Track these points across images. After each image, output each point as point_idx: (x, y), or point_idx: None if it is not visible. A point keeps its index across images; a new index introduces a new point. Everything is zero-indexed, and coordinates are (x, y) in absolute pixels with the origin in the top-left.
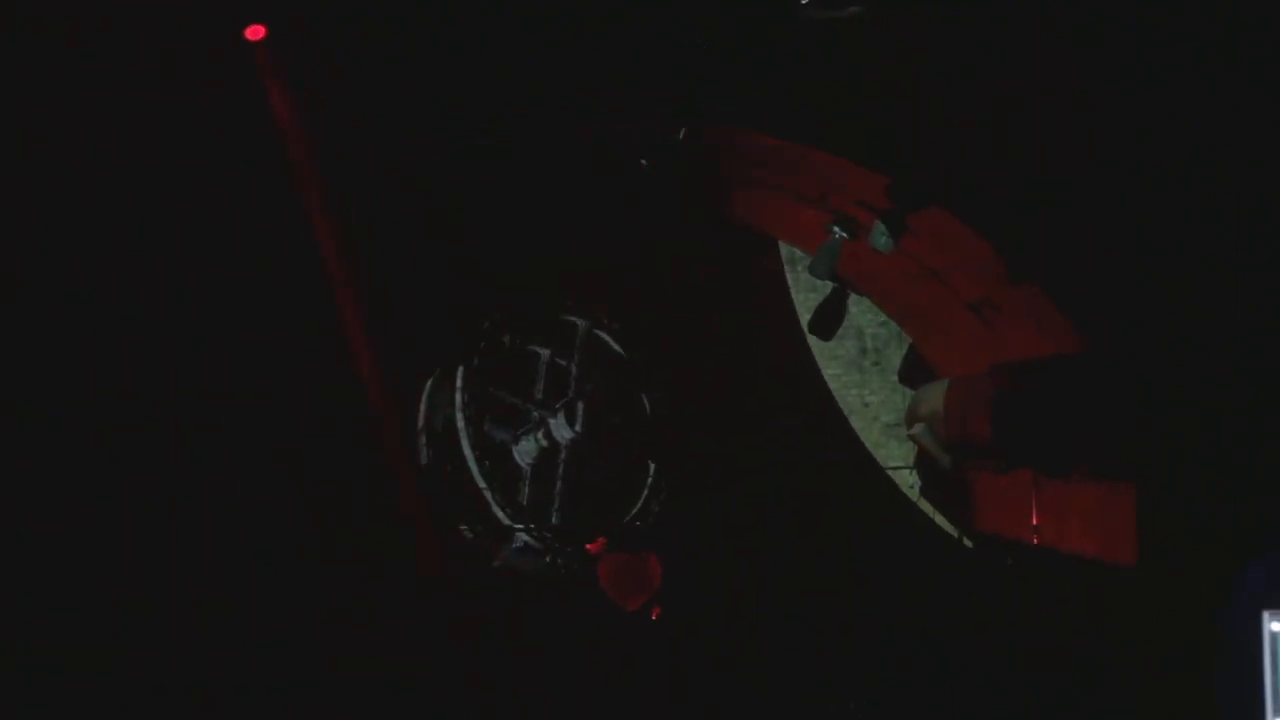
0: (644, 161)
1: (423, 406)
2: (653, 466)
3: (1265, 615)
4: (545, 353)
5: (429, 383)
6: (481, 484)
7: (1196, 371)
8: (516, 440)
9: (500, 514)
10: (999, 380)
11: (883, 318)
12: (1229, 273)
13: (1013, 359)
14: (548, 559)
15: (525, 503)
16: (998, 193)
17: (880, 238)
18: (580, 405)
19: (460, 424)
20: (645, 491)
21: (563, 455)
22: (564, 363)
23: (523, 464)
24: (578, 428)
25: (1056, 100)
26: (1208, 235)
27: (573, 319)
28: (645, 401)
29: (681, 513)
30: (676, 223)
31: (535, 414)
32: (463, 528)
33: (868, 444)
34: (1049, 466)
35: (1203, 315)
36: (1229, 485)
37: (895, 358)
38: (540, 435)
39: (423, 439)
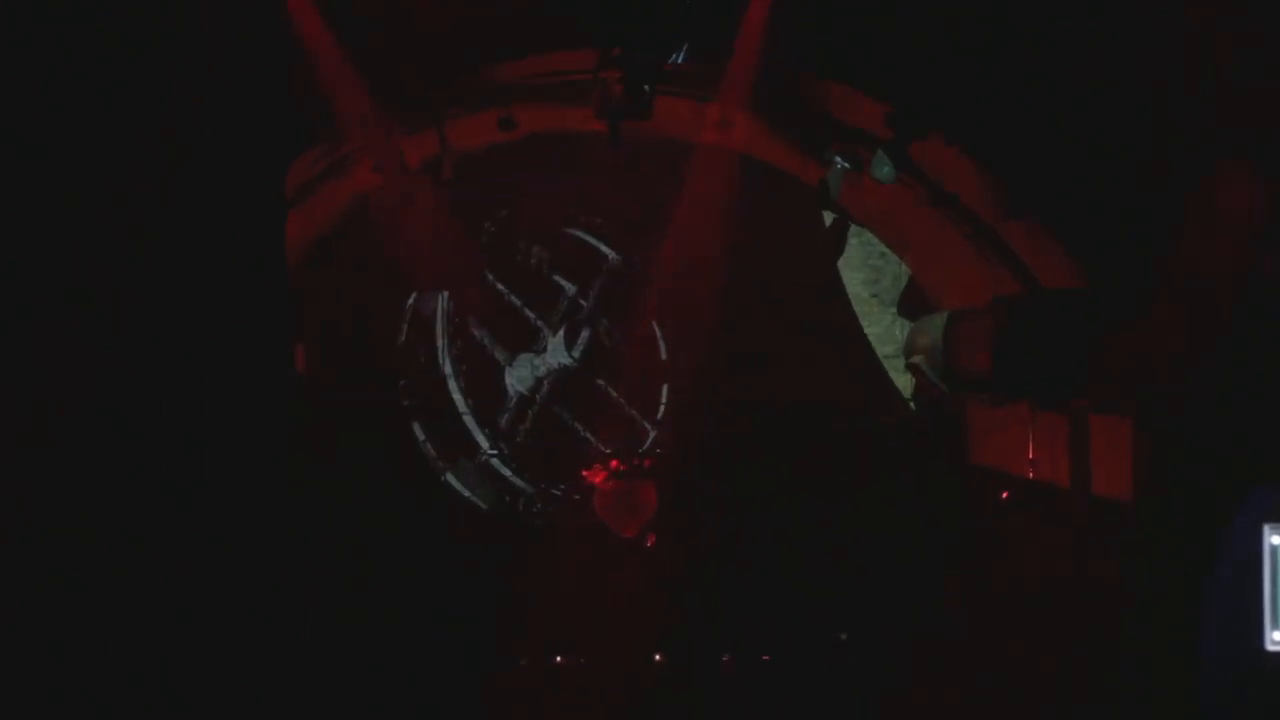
0: (646, 87)
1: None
2: (654, 433)
3: (1266, 529)
4: (571, 288)
5: None
6: (450, 377)
7: (1196, 305)
8: (512, 360)
9: (477, 433)
10: (999, 313)
11: (882, 249)
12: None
13: (1012, 292)
14: (508, 498)
15: (503, 426)
16: (999, 123)
17: (882, 168)
18: (585, 333)
19: (440, 313)
20: (648, 440)
21: (549, 379)
22: (586, 304)
23: (511, 390)
24: (575, 354)
25: (1060, 27)
26: (1208, 169)
27: (602, 247)
28: (660, 345)
29: (684, 448)
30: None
31: (540, 327)
32: (417, 426)
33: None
34: (1047, 399)
35: (1202, 248)
36: (1229, 418)
37: (894, 290)
38: (538, 361)
39: (407, 317)
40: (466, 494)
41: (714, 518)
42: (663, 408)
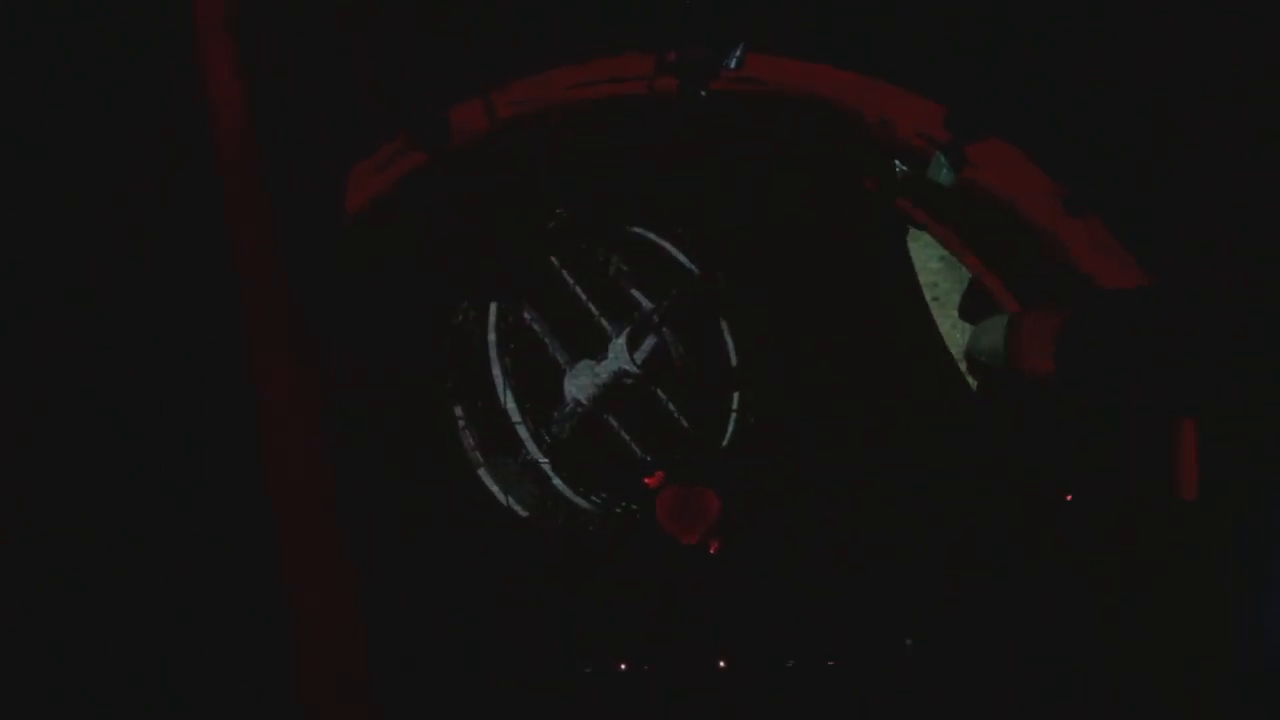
0: (702, 92)
1: None
2: (714, 461)
3: None
4: (648, 305)
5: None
6: (500, 373)
7: (1261, 305)
8: (573, 365)
9: (527, 437)
10: (1060, 315)
11: (942, 252)
12: None
13: (1076, 292)
14: (549, 503)
15: (552, 430)
16: (1058, 123)
17: (941, 171)
18: (651, 341)
19: (493, 306)
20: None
21: (605, 384)
22: (657, 318)
23: (569, 396)
24: (637, 361)
25: (1118, 23)
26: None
27: (683, 259)
28: (730, 353)
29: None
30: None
31: (607, 332)
32: (458, 411)
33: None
34: (1110, 403)
35: (1268, 246)
36: None
37: (955, 293)
38: (599, 369)
39: (466, 299)
40: (502, 496)
41: (777, 524)
42: (729, 433)
